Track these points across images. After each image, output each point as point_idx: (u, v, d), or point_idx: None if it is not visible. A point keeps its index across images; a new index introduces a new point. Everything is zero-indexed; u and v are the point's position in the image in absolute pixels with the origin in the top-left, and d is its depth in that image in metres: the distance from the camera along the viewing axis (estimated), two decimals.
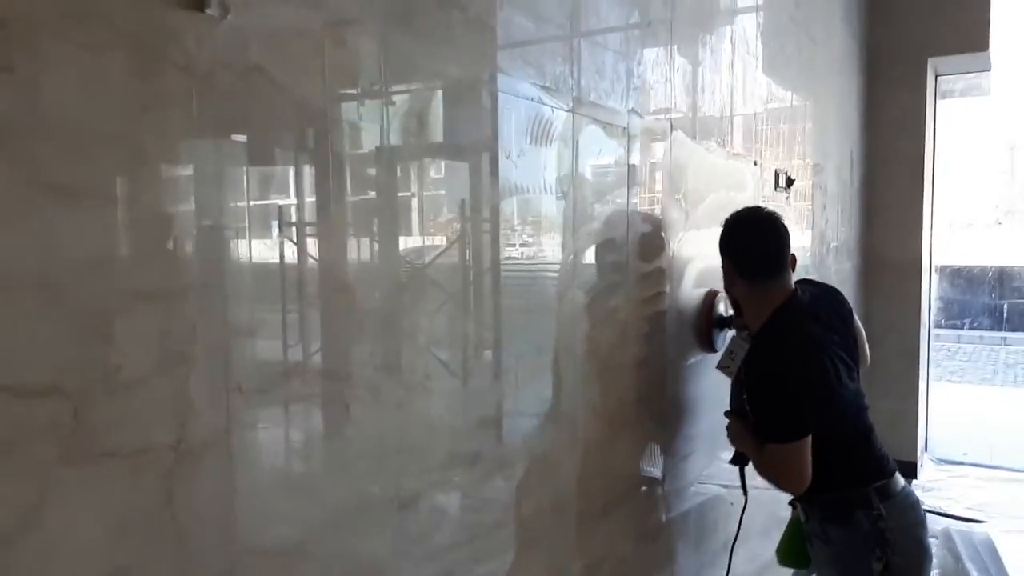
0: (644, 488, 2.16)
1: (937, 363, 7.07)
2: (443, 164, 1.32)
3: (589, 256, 1.78)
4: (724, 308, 2.47)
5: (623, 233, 1.88)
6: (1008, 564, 3.85)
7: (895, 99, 5.34)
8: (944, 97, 6.12)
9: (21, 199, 0.69)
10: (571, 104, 1.63)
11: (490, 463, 1.39)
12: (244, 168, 0.92)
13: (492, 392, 1.39)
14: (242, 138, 0.91)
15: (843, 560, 2.13)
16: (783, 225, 2.10)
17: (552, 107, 1.56)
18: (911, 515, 2.11)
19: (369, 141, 1.10)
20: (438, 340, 1.23)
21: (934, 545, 4.12)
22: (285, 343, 0.97)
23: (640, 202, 1.96)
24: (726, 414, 2.28)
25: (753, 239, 2.11)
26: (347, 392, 1.03)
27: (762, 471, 2.13)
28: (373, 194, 1.11)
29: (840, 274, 4.73)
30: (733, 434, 2.26)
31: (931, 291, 6.11)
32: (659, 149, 2.06)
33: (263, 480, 0.93)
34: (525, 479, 1.48)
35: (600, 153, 1.78)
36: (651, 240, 2.05)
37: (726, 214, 2.18)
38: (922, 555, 2.13)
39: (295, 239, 0.97)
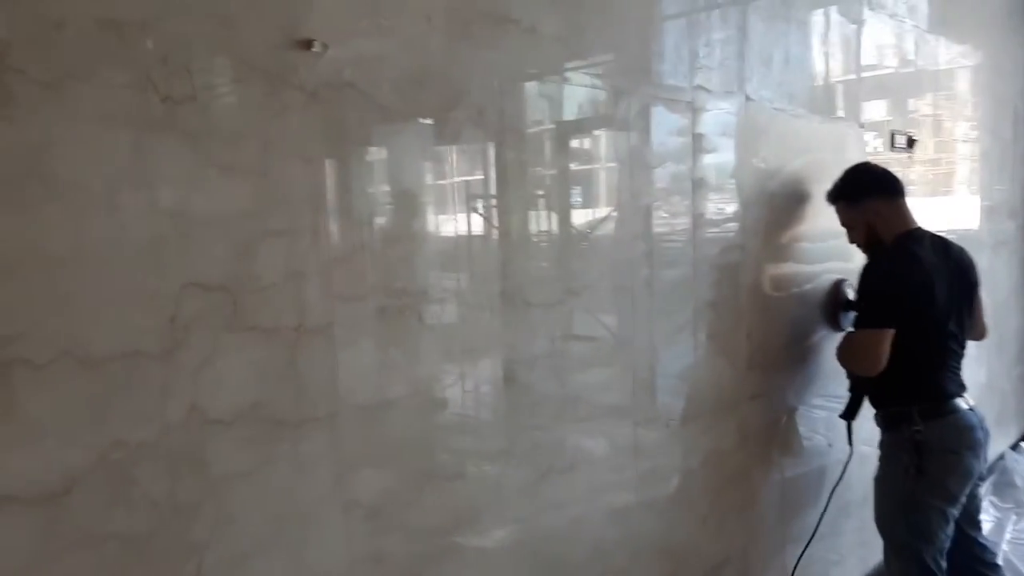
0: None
1: None
2: None
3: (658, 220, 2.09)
4: (851, 294, 2.80)
5: (688, 194, 2.17)
6: None
7: None
8: None
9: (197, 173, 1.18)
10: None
11: None
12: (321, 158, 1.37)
13: None
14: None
15: (886, 460, 2.54)
16: None
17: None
18: (956, 436, 2.42)
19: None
20: None
21: None
22: None
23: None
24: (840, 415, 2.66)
25: (880, 169, 2.61)
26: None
27: (843, 354, 2.52)
28: None
29: (997, 235, 4.58)
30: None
31: None
32: (731, 119, 2.31)
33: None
34: None
35: (664, 127, 2.09)
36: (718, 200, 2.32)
37: (823, 173, 2.58)
38: (954, 468, 2.40)
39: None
